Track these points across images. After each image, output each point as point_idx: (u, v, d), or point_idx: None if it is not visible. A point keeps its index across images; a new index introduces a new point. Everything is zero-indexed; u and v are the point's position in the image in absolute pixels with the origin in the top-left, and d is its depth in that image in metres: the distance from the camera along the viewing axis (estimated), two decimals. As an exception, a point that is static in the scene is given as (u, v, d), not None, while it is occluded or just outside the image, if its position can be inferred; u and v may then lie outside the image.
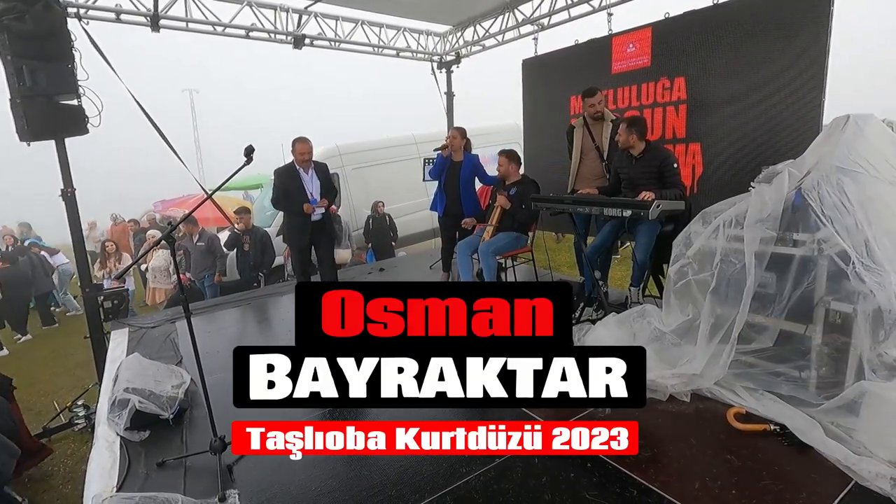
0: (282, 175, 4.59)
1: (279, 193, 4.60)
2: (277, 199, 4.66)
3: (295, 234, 4.68)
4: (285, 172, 4.59)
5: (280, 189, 4.58)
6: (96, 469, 2.49)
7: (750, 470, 2.19)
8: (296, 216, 4.56)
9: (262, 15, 5.84)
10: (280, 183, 4.58)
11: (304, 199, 4.50)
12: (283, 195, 4.57)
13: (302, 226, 4.57)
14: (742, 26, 4.12)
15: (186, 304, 2.45)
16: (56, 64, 4.14)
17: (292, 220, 4.67)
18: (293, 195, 4.51)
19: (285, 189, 4.54)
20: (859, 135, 2.61)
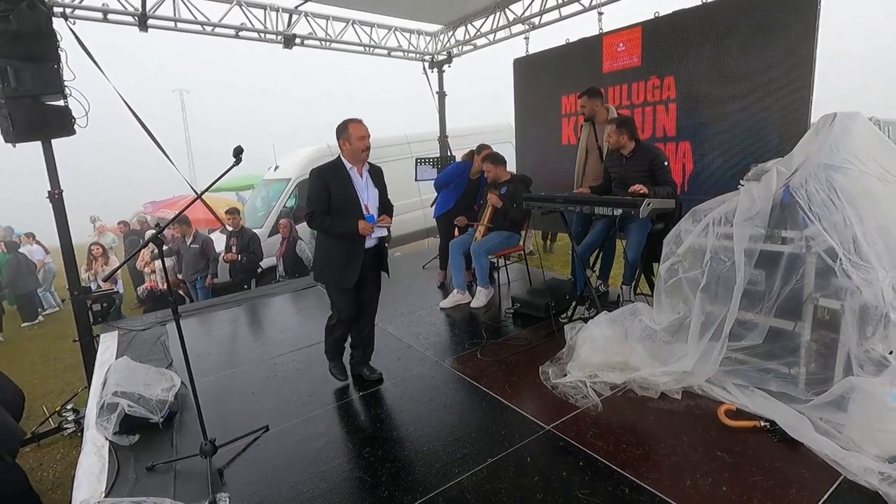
0: (324, 177, 3.02)
1: (318, 205, 3.01)
2: (314, 215, 3.01)
3: (337, 266, 3.08)
4: (330, 173, 3.04)
5: (319, 198, 3.00)
6: (84, 474, 2.46)
7: (740, 466, 2.20)
8: (342, 241, 3.07)
9: (251, 14, 5.80)
10: (320, 189, 3.00)
11: (358, 213, 3.04)
12: (322, 207, 3.01)
13: (350, 254, 3.05)
14: (730, 26, 4.14)
15: (175, 306, 2.43)
16: (42, 64, 4.08)
17: (335, 245, 3.08)
18: (342, 208, 3.02)
19: (328, 198, 3.00)
20: (847, 132, 2.63)
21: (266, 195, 9.76)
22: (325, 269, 3.18)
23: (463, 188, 5.14)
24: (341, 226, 3.01)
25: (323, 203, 3.00)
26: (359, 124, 3.00)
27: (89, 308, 4.73)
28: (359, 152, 3.00)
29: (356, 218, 3.00)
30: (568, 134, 5.70)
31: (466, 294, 4.73)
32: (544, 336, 3.82)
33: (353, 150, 2.99)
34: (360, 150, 2.99)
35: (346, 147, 3.00)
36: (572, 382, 2.96)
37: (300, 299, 5.50)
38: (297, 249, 7.53)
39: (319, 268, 3.25)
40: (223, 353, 4.06)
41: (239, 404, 3.14)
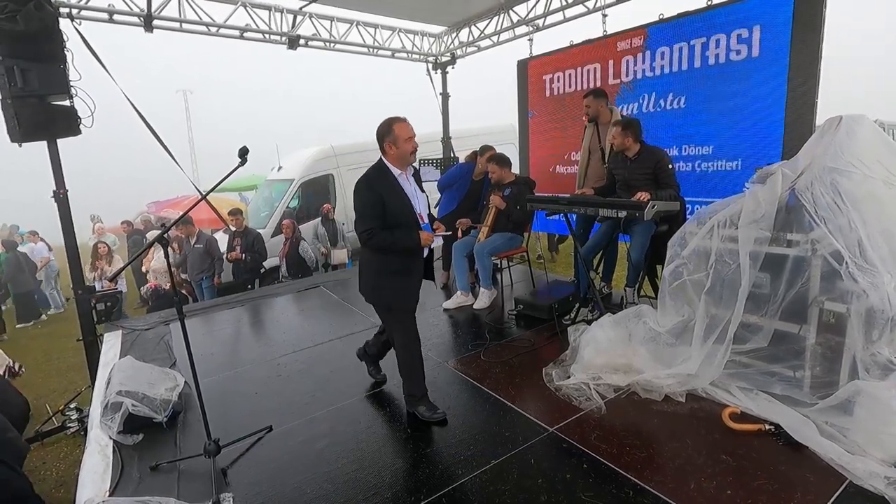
0: (375, 186, 2.64)
1: (376, 220, 2.62)
2: (373, 232, 2.61)
3: (399, 286, 2.73)
4: (379, 181, 2.66)
5: (375, 212, 2.61)
6: (88, 473, 2.46)
7: (745, 470, 2.19)
8: (398, 256, 2.69)
9: (256, 15, 5.82)
10: (375, 201, 2.61)
11: (414, 223, 2.69)
12: (381, 221, 2.63)
13: (410, 270, 2.74)
14: (735, 28, 4.14)
15: (180, 305, 2.43)
16: (48, 64, 4.10)
17: (391, 263, 2.71)
18: (397, 220, 2.65)
19: (383, 211, 2.62)
20: (852, 135, 2.62)
21: (269, 195, 9.80)
22: (384, 292, 2.76)
23: (466, 189, 5.15)
24: (404, 241, 2.64)
25: (380, 217, 2.62)
26: (404, 123, 2.67)
27: (93, 307, 4.75)
28: (407, 155, 2.67)
29: (415, 229, 2.68)
30: (572, 136, 5.70)
31: (469, 295, 4.73)
32: (547, 338, 3.81)
33: (401, 154, 2.66)
34: (409, 152, 2.67)
35: (391, 150, 2.67)
36: (576, 384, 2.95)
37: (303, 300, 5.50)
38: (300, 250, 7.55)
39: (375, 290, 2.80)
40: (226, 353, 4.06)
41: (242, 404, 3.14)
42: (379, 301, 2.84)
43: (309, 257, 7.64)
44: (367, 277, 2.84)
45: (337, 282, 6.07)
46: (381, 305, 2.86)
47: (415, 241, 2.65)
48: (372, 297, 2.85)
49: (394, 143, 2.65)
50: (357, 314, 4.72)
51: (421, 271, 2.81)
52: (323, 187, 9.59)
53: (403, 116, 2.71)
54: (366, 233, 2.63)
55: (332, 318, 4.78)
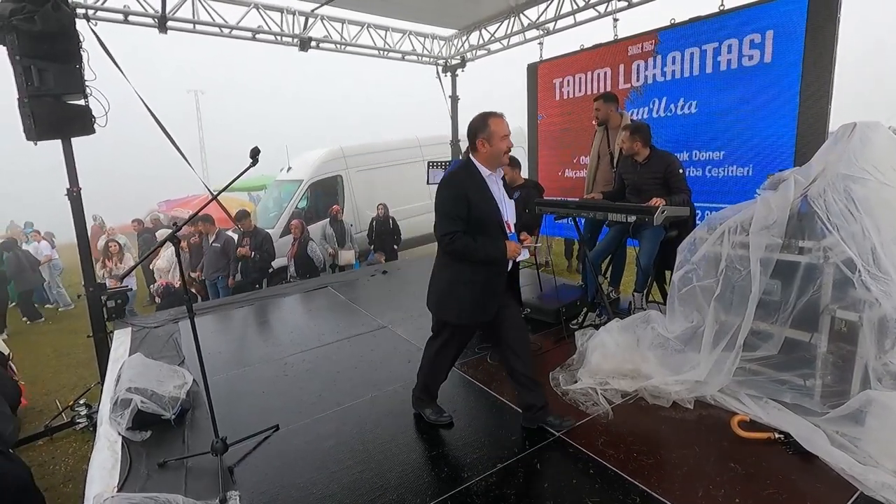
0: (461, 185, 2.41)
1: (459, 223, 2.37)
2: (455, 236, 2.36)
3: (474, 298, 2.47)
4: (465, 181, 2.42)
5: (459, 214, 2.37)
6: (97, 469, 2.48)
7: (753, 478, 2.17)
8: (479, 267, 2.43)
9: (268, 17, 5.87)
10: (458, 202, 2.36)
11: (500, 231, 2.44)
12: (463, 225, 2.38)
13: (489, 282, 2.47)
14: (748, 32, 4.11)
15: (190, 304, 2.46)
16: (64, 64, 4.16)
17: (470, 273, 2.44)
18: (482, 226, 2.40)
19: (467, 214, 2.37)
20: (867, 142, 2.60)
21: (278, 196, 9.86)
22: (452, 303, 2.50)
23: None
24: (488, 249, 2.38)
25: (464, 220, 2.37)
26: (501, 120, 2.43)
27: (104, 304, 4.79)
28: (500, 155, 2.44)
29: (501, 238, 2.42)
30: (581, 140, 5.68)
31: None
32: (555, 342, 3.80)
33: (494, 153, 2.42)
34: (503, 151, 2.43)
35: (484, 148, 2.42)
36: (583, 389, 2.94)
37: (311, 300, 5.53)
38: (308, 250, 7.59)
39: (443, 300, 2.55)
40: (234, 352, 4.09)
41: (249, 403, 3.16)
42: (444, 313, 2.57)
43: (317, 258, 7.67)
44: (439, 285, 2.58)
45: (344, 282, 6.09)
46: (445, 317, 2.58)
47: (500, 251, 2.38)
48: (437, 307, 2.59)
49: (488, 140, 2.41)
50: (364, 315, 4.73)
51: (502, 286, 2.51)
52: (332, 188, 9.64)
53: (500, 112, 2.48)
54: (447, 236, 2.38)
55: (339, 318, 4.80)
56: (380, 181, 9.90)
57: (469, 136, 2.48)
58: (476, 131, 2.44)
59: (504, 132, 2.42)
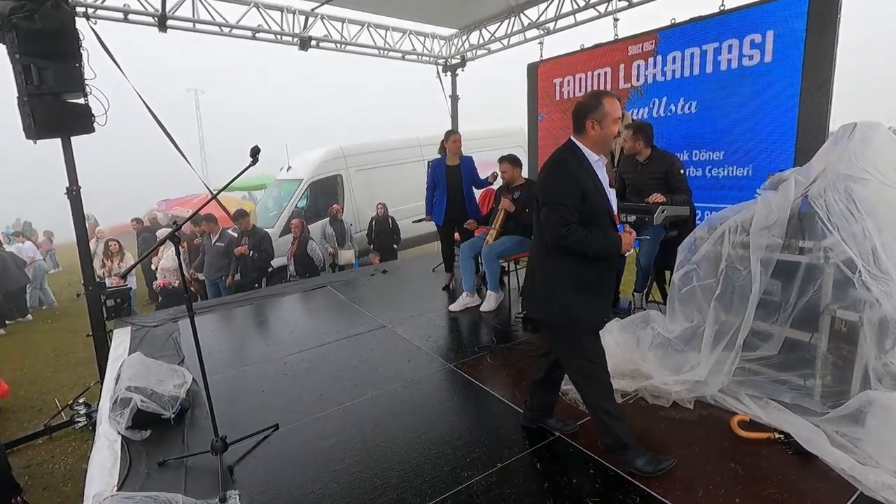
0: (575, 171, 2.16)
1: (573, 214, 2.11)
2: (571, 228, 2.09)
3: (592, 300, 2.24)
4: (576, 167, 2.17)
5: (572, 201, 2.11)
6: (97, 468, 2.48)
7: (753, 478, 2.17)
8: (592, 264, 2.20)
9: (268, 16, 5.87)
10: (572, 189, 2.12)
11: (610, 222, 2.22)
12: (576, 214, 2.12)
13: (604, 281, 2.29)
14: (748, 33, 4.12)
15: (190, 303, 2.45)
16: (64, 63, 4.15)
17: (583, 271, 2.20)
18: (593, 217, 2.16)
19: (580, 201, 2.13)
20: (867, 142, 2.60)
21: (278, 195, 9.86)
22: (567, 306, 2.21)
23: (444, 181, 5.08)
24: (603, 242, 2.14)
25: (577, 211, 2.11)
26: (615, 101, 2.19)
27: (103, 303, 4.79)
28: (610, 140, 2.23)
29: (612, 229, 2.21)
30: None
31: (476, 297, 4.73)
32: (554, 342, 3.80)
33: (604, 136, 2.19)
34: (613, 135, 2.22)
35: (593, 131, 2.18)
36: (583, 389, 2.94)
37: (310, 299, 5.53)
38: (308, 249, 7.59)
39: (553, 302, 2.24)
40: (233, 351, 4.09)
41: (249, 402, 3.16)
42: (558, 318, 2.25)
43: (317, 257, 7.67)
44: (548, 287, 2.26)
45: (344, 282, 6.09)
46: (560, 323, 2.26)
47: (614, 245, 2.16)
48: (547, 310, 2.28)
49: (599, 121, 2.16)
50: (364, 314, 4.73)
51: (613, 283, 2.32)
52: (331, 188, 9.64)
53: (614, 92, 2.28)
54: (564, 228, 2.08)
55: (338, 317, 4.80)
56: (379, 181, 9.91)
57: (577, 116, 2.23)
58: (587, 111, 2.19)
59: (617, 114, 2.20)
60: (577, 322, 2.23)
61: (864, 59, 3.93)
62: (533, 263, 2.39)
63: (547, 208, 2.16)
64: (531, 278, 2.37)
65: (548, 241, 2.17)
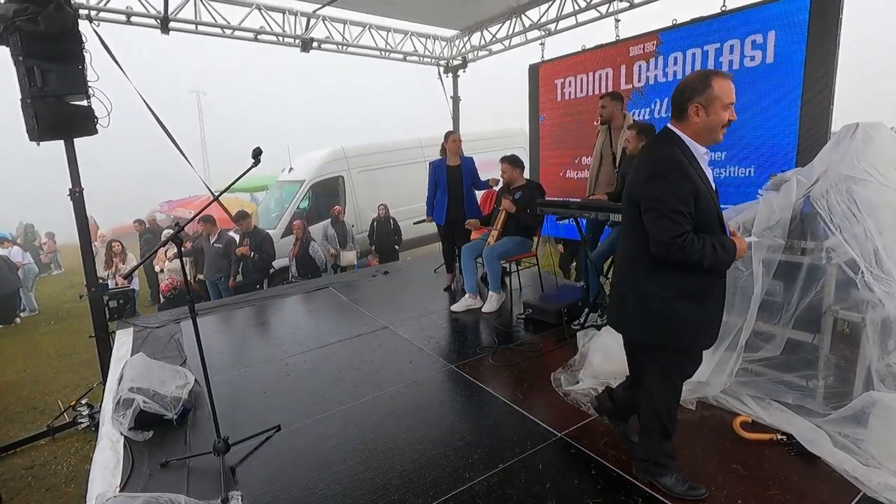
0: (688, 170, 1.82)
1: (687, 219, 1.80)
2: (686, 236, 1.78)
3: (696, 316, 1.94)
4: (686, 164, 1.83)
5: (686, 205, 1.80)
6: (100, 468, 2.49)
7: (756, 479, 2.17)
8: (705, 275, 1.91)
9: (270, 18, 5.88)
10: (686, 190, 1.80)
11: (719, 226, 1.92)
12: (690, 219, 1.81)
13: (714, 297, 1.98)
14: (750, 33, 4.11)
15: (192, 304, 2.46)
16: (67, 65, 4.17)
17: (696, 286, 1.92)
18: (708, 219, 1.87)
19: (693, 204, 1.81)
20: (869, 143, 2.59)
21: (280, 196, 9.88)
22: (672, 326, 1.93)
23: (445, 181, 5.09)
24: (720, 252, 1.82)
25: (691, 217, 1.80)
26: (729, 82, 1.83)
27: (106, 305, 4.80)
28: (717, 129, 1.86)
29: (723, 234, 1.90)
30: (583, 141, 5.68)
31: (478, 298, 4.73)
32: (556, 342, 3.80)
33: (711, 125, 1.85)
34: (722, 124, 1.85)
35: (697, 117, 1.84)
36: (584, 390, 2.94)
37: (312, 300, 5.53)
38: (309, 250, 7.61)
39: (657, 323, 1.95)
40: (235, 352, 4.09)
41: (251, 403, 3.16)
42: (661, 338, 1.96)
43: (319, 258, 7.68)
44: (649, 303, 1.95)
45: (346, 283, 6.09)
46: (664, 343, 1.97)
47: (731, 253, 1.85)
48: (647, 329, 1.98)
49: (706, 106, 1.82)
50: (365, 315, 4.74)
51: (724, 296, 2.04)
52: (333, 189, 9.65)
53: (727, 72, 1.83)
54: (678, 238, 1.77)
55: (340, 318, 4.80)
56: (381, 182, 9.92)
57: (678, 98, 1.88)
58: (691, 93, 1.84)
59: (729, 98, 1.83)
60: (687, 342, 1.97)
61: (865, 57, 3.92)
62: (623, 275, 2.09)
63: (656, 215, 1.81)
64: (624, 293, 2.05)
65: (654, 250, 1.84)
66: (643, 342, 2.05)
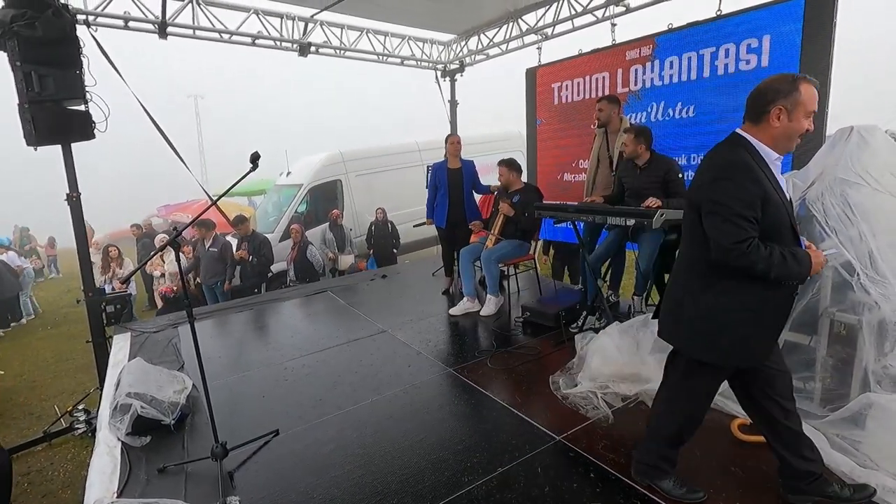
0: (758, 174, 1.72)
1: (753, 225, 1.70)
2: (751, 242, 1.68)
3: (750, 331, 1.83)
4: (759, 167, 1.75)
5: (753, 210, 1.69)
6: (97, 474, 2.48)
7: (754, 481, 2.17)
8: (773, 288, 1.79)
9: (268, 23, 5.90)
10: (753, 195, 1.70)
11: (791, 236, 1.81)
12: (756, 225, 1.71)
13: (776, 311, 1.87)
14: (745, 37, 4.14)
15: (190, 309, 2.46)
16: (65, 70, 4.17)
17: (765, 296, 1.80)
18: (779, 228, 1.76)
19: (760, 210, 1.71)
20: (863, 146, 2.61)
21: (278, 200, 9.88)
22: (743, 339, 1.82)
23: (445, 184, 5.10)
24: (791, 263, 1.70)
25: (758, 223, 1.70)
26: (813, 88, 1.74)
27: (103, 310, 4.79)
28: (795, 136, 1.77)
29: (796, 245, 1.79)
30: (580, 144, 5.70)
31: (476, 302, 4.73)
32: (554, 345, 3.81)
33: (790, 131, 1.75)
34: (801, 132, 1.76)
35: (778, 122, 1.74)
36: (583, 393, 2.94)
37: (310, 304, 5.53)
38: (307, 254, 7.60)
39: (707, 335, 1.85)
40: (233, 357, 4.08)
41: (249, 408, 3.15)
42: (715, 357, 1.87)
43: (317, 261, 7.68)
44: (705, 314, 1.85)
45: (344, 287, 6.09)
46: (716, 362, 1.89)
47: (805, 265, 1.73)
48: (703, 349, 1.88)
49: (790, 110, 1.72)
50: (363, 319, 4.73)
51: (787, 314, 1.93)
52: (331, 193, 9.66)
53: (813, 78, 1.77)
54: (742, 244, 1.66)
55: (338, 322, 4.80)
56: (379, 185, 9.93)
57: (758, 100, 1.79)
58: (775, 95, 1.74)
59: (812, 106, 1.74)
60: (739, 358, 1.87)
61: (865, 57, 3.94)
62: (680, 282, 1.97)
63: (718, 218, 1.72)
64: (679, 299, 1.94)
65: (715, 256, 1.74)
66: (696, 357, 1.92)
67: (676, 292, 1.99)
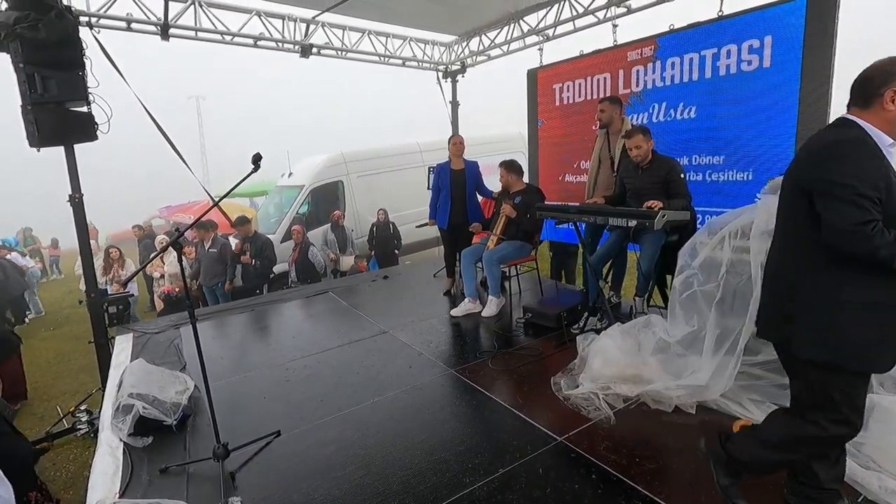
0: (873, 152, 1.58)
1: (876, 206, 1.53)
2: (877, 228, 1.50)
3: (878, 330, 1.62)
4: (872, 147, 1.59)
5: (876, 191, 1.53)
6: (99, 474, 2.48)
7: (756, 483, 2.16)
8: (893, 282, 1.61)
9: (270, 24, 5.91)
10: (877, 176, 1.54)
11: None
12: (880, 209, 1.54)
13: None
14: (746, 38, 4.14)
15: (192, 309, 2.46)
16: (67, 72, 4.19)
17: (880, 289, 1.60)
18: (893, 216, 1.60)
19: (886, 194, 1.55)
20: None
21: (279, 201, 9.90)
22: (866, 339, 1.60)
23: (448, 185, 5.11)
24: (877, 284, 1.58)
25: (881, 200, 1.53)
26: None
27: (105, 310, 4.80)
28: None
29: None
30: (582, 145, 5.70)
31: (477, 303, 4.73)
32: (556, 347, 3.80)
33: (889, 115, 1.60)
34: None
35: (892, 104, 1.59)
36: (584, 394, 2.94)
37: (311, 305, 5.53)
38: (309, 255, 7.61)
39: (843, 336, 1.61)
40: (235, 358, 4.09)
41: (250, 408, 3.16)
42: (836, 357, 1.63)
43: (318, 262, 7.69)
44: (822, 310, 1.66)
45: (345, 287, 6.09)
46: (838, 364, 1.63)
47: None
48: (820, 346, 1.64)
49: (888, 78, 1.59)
50: (365, 320, 4.74)
51: None
52: (333, 194, 9.67)
53: None
54: (866, 225, 1.49)
55: (340, 323, 4.80)
56: (380, 186, 9.94)
57: (868, 84, 1.64)
58: (886, 77, 1.60)
59: None
60: (868, 362, 1.64)
61: (865, 57, 3.96)
62: (783, 277, 1.78)
63: (835, 199, 1.54)
64: (785, 295, 1.76)
65: (830, 241, 1.57)
66: (814, 358, 1.67)
67: (780, 288, 1.79)
